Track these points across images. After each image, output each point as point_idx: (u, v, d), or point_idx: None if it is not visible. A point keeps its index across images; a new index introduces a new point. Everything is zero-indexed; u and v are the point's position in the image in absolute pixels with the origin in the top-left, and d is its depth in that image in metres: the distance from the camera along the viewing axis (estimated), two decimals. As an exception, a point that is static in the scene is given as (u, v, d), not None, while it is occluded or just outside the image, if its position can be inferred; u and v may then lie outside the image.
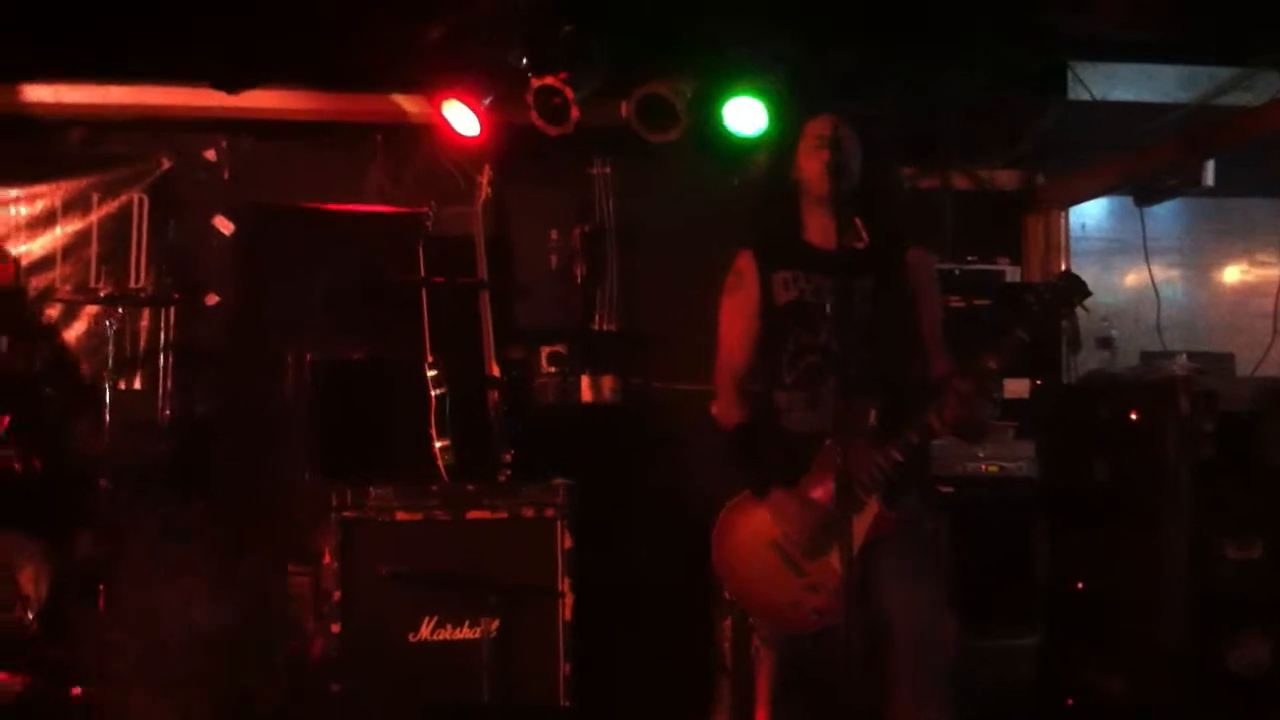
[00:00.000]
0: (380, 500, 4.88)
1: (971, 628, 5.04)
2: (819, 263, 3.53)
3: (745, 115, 5.59)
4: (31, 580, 5.29)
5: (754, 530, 3.51)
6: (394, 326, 5.51)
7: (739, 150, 5.71)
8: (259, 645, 5.05)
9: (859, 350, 3.38)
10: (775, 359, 3.56)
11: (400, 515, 4.90)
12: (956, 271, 5.86)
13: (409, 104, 5.94)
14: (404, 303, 5.47)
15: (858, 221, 3.55)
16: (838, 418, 3.25)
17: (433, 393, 5.21)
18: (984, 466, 5.54)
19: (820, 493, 3.40)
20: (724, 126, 5.64)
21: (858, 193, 3.53)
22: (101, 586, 5.41)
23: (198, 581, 5.45)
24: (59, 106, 5.98)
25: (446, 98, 5.66)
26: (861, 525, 3.35)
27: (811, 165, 3.52)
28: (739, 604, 3.68)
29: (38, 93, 5.92)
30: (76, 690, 4.93)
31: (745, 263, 3.68)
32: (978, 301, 5.76)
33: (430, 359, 5.23)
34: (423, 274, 5.43)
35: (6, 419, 5.27)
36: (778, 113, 5.47)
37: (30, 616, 5.21)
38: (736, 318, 3.68)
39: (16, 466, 5.27)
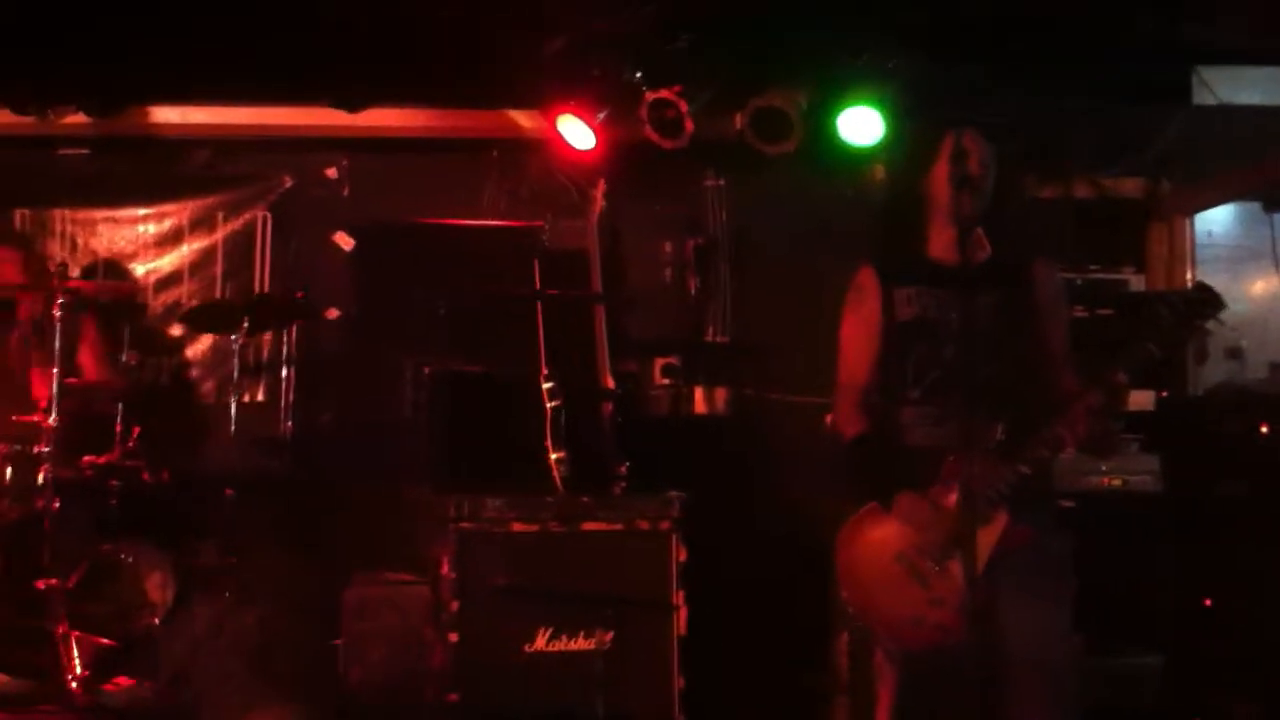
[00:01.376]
0: (496, 512, 4.90)
1: (1093, 646, 4.93)
2: (942, 278, 3.48)
3: (861, 126, 5.55)
4: (159, 587, 5.41)
5: (880, 542, 3.46)
6: (509, 340, 5.55)
7: (853, 161, 5.67)
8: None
9: (984, 365, 3.32)
10: (898, 374, 3.52)
11: (516, 527, 4.92)
12: (1079, 281, 5.75)
13: (524, 119, 6.00)
14: (519, 316, 5.51)
15: (979, 233, 3.49)
16: (963, 432, 3.20)
17: (548, 405, 5.22)
18: (1106, 481, 5.42)
19: (950, 502, 3.34)
20: (839, 137, 5.60)
21: (987, 206, 3.47)
22: (226, 594, 5.55)
23: (314, 590, 5.57)
24: (185, 128, 6.15)
25: (561, 113, 5.70)
26: (988, 539, 3.28)
27: (945, 180, 3.46)
28: (861, 618, 3.63)
29: (165, 115, 6.09)
30: (200, 694, 5.02)
31: (866, 278, 3.64)
32: (1101, 311, 5.64)
33: (546, 371, 5.25)
34: (538, 287, 5.47)
35: (137, 430, 5.41)
36: (894, 123, 5.43)
37: (156, 622, 5.34)
38: (858, 333, 3.64)
39: (146, 477, 5.40)
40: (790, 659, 5.52)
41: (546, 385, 5.23)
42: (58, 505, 4.94)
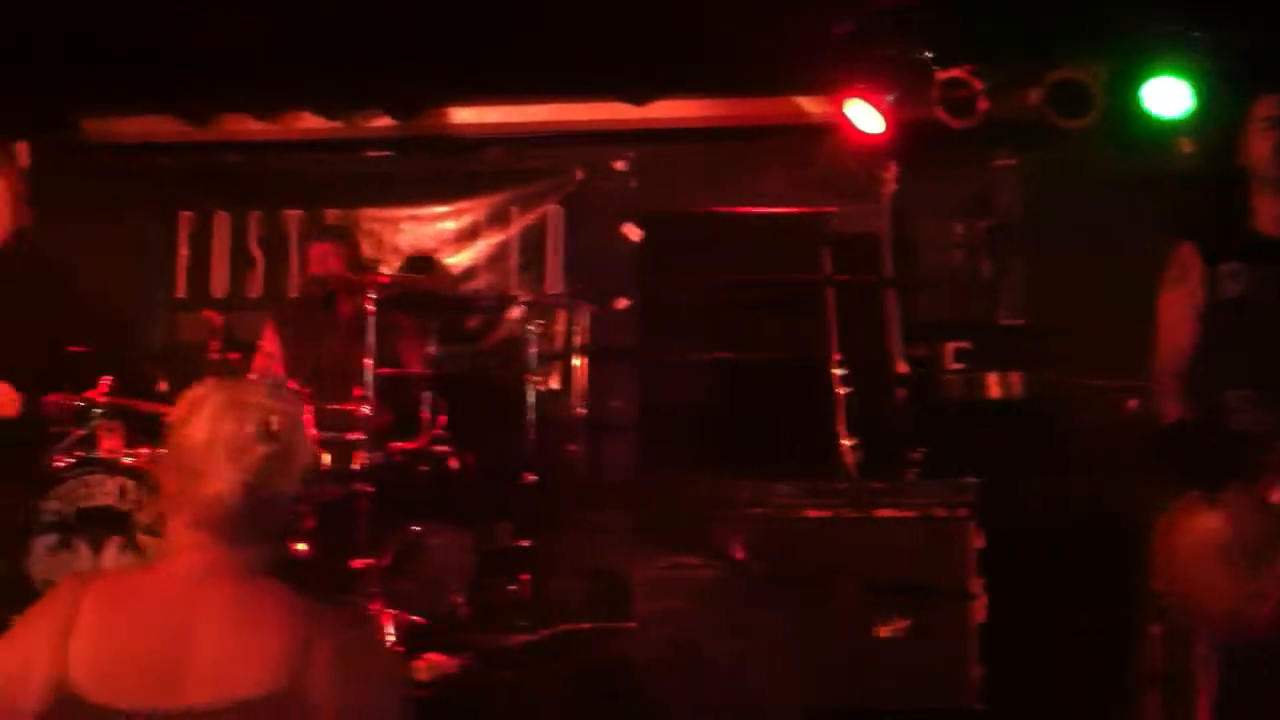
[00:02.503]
0: (788, 497, 4.91)
1: None
2: (1269, 253, 3.30)
3: (1167, 97, 5.29)
4: (461, 568, 5.61)
5: (1203, 533, 3.31)
6: (799, 326, 5.55)
7: (1159, 134, 5.42)
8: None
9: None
10: (1222, 355, 3.36)
11: (809, 512, 4.90)
12: None
13: (810, 105, 5.99)
14: (808, 302, 5.51)
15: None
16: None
17: (839, 391, 5.20)
18: None
19: (1277, 497, 3.17)
20: (1143, 110, 5.36)
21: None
22: (525, 577, 5.73)
23: (612, 573, 5.70)
24: (481, 126, 6.40)
25: (849, 96, 5.65)
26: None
27: (1261, 147, 3.29)
28: (1179, 609, 3.48)
29: (462, 115, 6.36)
30: (506, 674, 5.20)
31: (1188, 255, 3.48)
32: None
33: (837, 357, 5.23)
34: (828, 273, 5.45)
35: (444, 418, 5.64)
36: (1204, 93, 5.16)
37: (460, 601, 5.55)
38: (1178, 312, 3.50)
39: (453, 463, 5.62)
40: (1091, 650, 5.33)
41: (838, 371, 5.22)
42: (371, 489, 5.20)
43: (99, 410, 5.10)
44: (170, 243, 7.00)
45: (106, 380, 5.26)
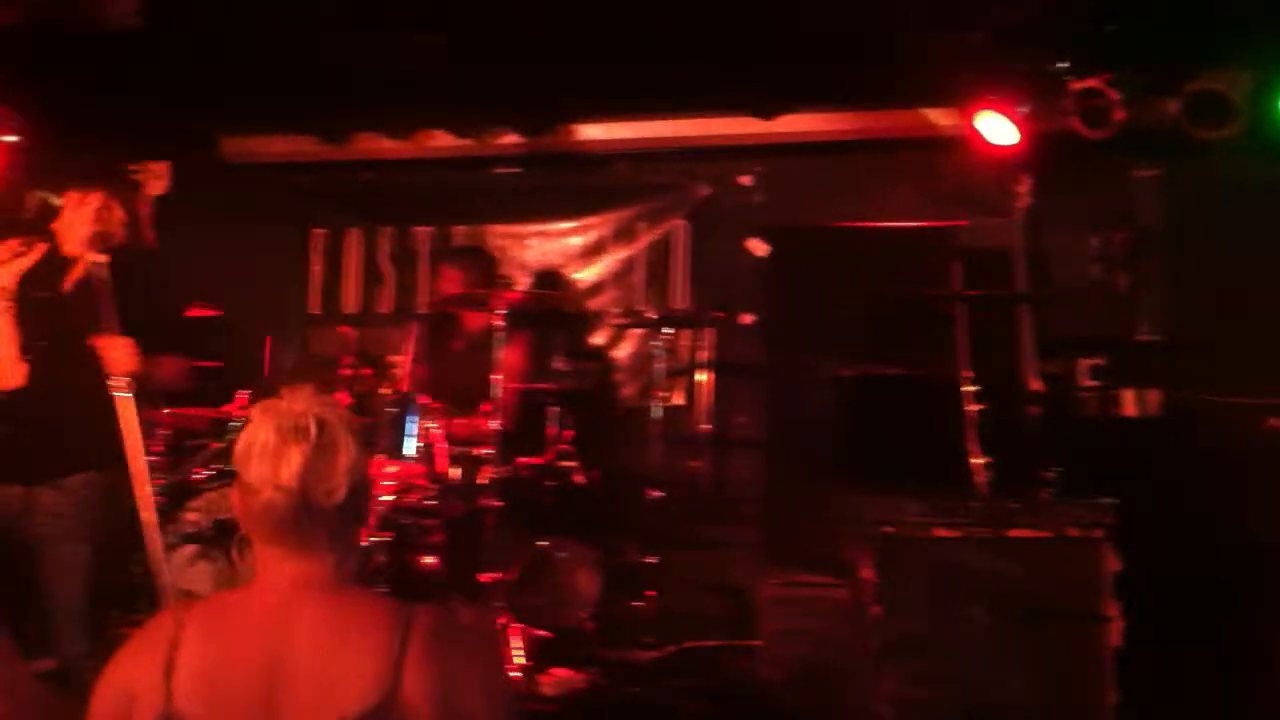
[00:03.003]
0: (919, 516, 4.83)
1: None
2: None
3: (1313, 107, 5.12)
4: (587, 583, 5.63)
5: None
6: (928, 342, 5.47)
7: (1307, 145, 5.24)
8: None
9: None
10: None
11: (938, 531, 4.82)
12: None
13: (940, 117, 5.91)
14: (939, 317, 5.42)
15: None
16: None
17: (971, 408, 5.11)
18: None
19: None
20: (1288, 120, 5.19)
21: None
22: (651, 593, 5.73)
23: (739, 590, 5.68)
24: (608, 143, 6.44)
25: (980, 109, 5.57)
26: None
27: None
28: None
29: (590, 131, 6.39)
30: (633, 690, 5.20)
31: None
32: None
33: (969, 374, 5.14)
34: (959, 288, 5.36)
35: (570, 433, 5.68)
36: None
37: (586, 617, 5.57)
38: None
39: (579, 478, 5.65)
40: (1232, 673, 5.16)
41: (970, 388, 5.12)
42: (499, 503, 5.24)
43: (236, 424, 5.23)
44: (304, 259, 7.16)
45: (244, 394, 5.41)
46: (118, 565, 4.31)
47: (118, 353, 4.03)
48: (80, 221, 4.10)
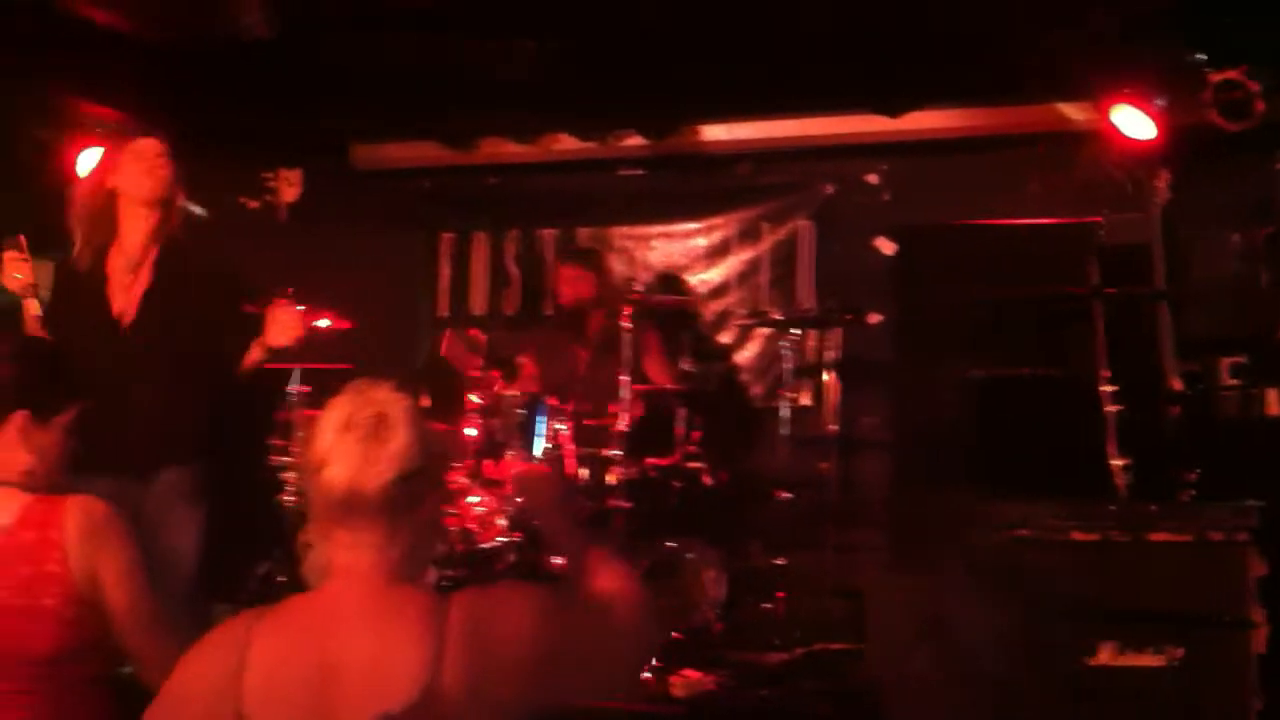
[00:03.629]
0: (1055, 519, 4.75)
1: None
2: None
3: None
4: (714, 583, 5.62)
5: None
6: (1062, 341, 5.37)
7: None
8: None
9: None
10: None
11: (1075, 535, 4.73)
12: None
13: (1072, 111, 5.80)
14: (1073, 316, 5.32)
15: None
16: None
17: (1108, 409, 5.01)
18: None
19: None
20: None
21: None
22: (780, 595, 5.71)
23: (867, 593, 5.61)
24: (732, 143, 6.42)
25: (1115, 102, 5.45)
26: None
27: None
28: None
29: (713, 131, 6.38)
30: (762, 692, 5.17)
31: None
32: None
33: (1106, 374, 5.03)
34: (1095, 286, 5.25)
35: (697, 434, 5.67)
36: None
37: (714, 618, 5.56)
38: None
39: (706, 479, 5.65)
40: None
41: (1107, 388, 5.02)
42: (626, 504, 5.25)
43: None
44: (432, 263, 7.27)
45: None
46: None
47: (286, 317, 4.08)
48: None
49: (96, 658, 2.50)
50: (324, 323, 4.98)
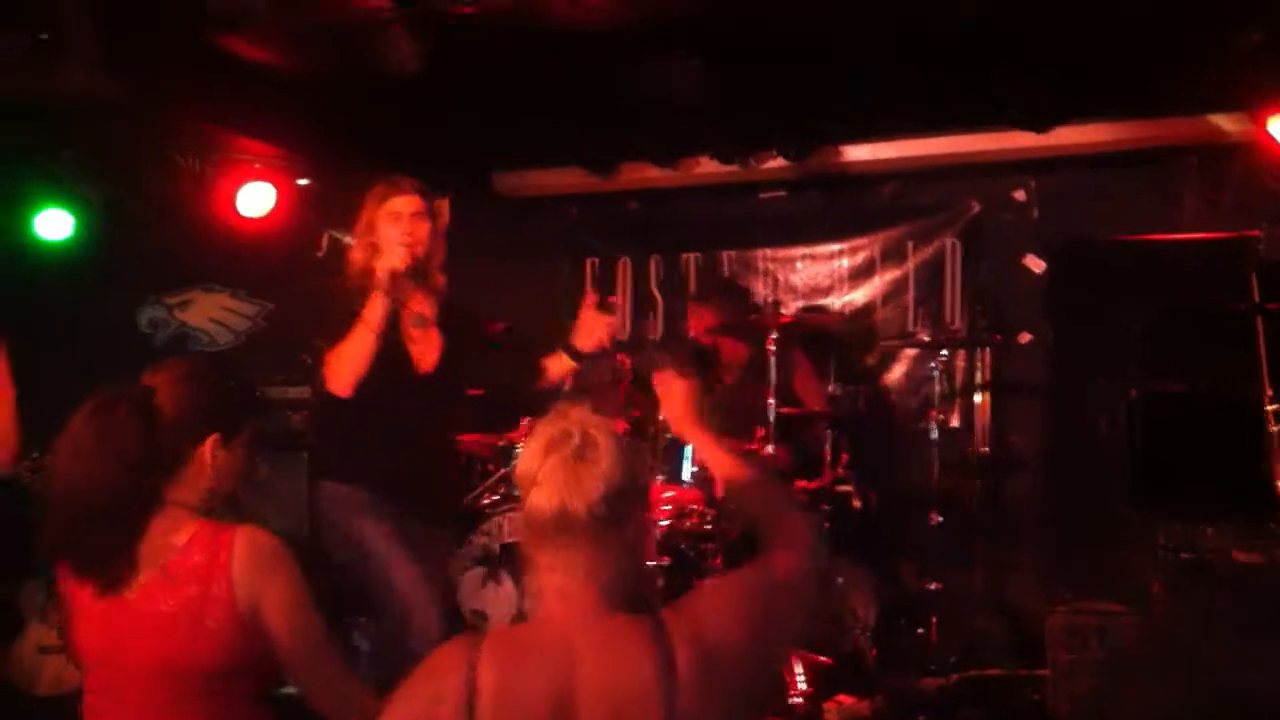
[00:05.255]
0: (1216, 540, 4.64)
1: None
2: None
3: None
4: (864, 605, 5.59)
5: None
6: (1220, 358, 5.23)
7: None
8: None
9: None
10: None
11: (1238, 555, 4.62)
12: None
13: (1227, 123, 5.63)
14: (1231, 332, 5.18)
15: None
16: None
17: (1272, 428, 4.87)
18: None
19: None
20: None
21: None
22: (933, 619, 5.64)
23: (1025, 617, 5.53)
24: (875, 163, 6.37)
25: (1271, 113, 5.29)
26: None
27: None
28: None
29: (856, 152, 6.34)
30: (921, 718, 5.12)
31: None
32: None
33: (1270, 392, 4.89)
34: (1255, 300, 5.11)
35: (846, 456, 5.65)
36: None
37: (866, 642, 5.51)
38: None
39: (855, 502, 5.62)
40: None
41: (1272, 407, 4.88)
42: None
43: (520, 449, 5.39)
44: (579, 288, 7.34)
45: (525, 420, 5.58)
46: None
47: (593, 322, 4.16)
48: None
49: (259, 677, 2.57)
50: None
